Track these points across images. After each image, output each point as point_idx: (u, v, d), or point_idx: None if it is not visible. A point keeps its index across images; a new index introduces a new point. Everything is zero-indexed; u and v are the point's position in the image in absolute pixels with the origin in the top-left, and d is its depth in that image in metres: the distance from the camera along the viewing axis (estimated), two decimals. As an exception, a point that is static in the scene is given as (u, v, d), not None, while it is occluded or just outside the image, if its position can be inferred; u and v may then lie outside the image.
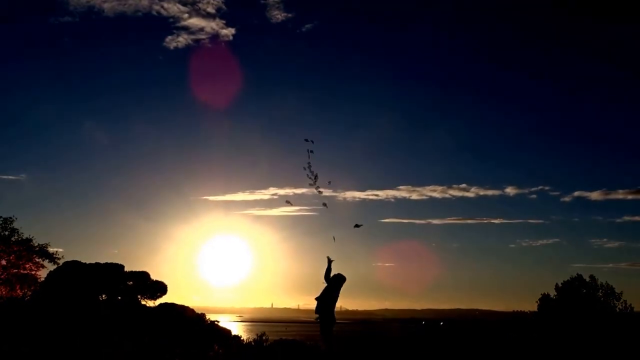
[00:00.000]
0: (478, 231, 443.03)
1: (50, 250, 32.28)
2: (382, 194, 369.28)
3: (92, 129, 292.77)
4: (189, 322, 33.66)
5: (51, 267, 32.71)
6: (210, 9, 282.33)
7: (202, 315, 36.63)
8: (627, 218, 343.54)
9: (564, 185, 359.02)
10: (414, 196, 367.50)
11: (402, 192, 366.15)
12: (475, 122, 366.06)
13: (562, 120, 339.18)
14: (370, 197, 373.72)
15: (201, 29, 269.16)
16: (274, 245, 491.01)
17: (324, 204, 14.31)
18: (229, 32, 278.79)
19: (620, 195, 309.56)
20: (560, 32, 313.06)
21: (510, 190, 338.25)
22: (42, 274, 32.75)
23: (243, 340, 33.87)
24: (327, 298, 12.29)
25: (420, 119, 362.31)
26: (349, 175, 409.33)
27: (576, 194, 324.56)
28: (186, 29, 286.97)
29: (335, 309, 12.72)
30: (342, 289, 12.57)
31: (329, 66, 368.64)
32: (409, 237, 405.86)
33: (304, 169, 13.72)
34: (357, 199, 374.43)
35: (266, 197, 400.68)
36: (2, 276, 31.12)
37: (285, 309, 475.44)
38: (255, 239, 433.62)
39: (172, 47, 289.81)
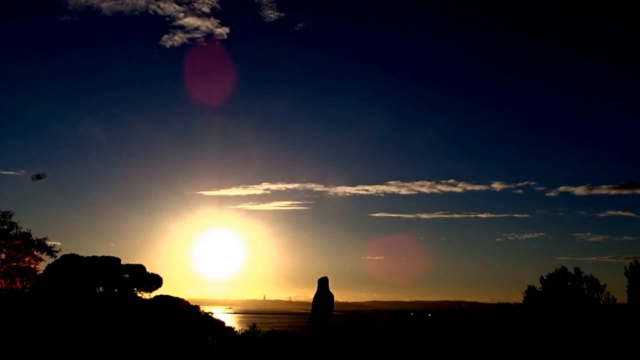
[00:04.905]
0: (465, 225, 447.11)
1: (49, 243, 32.99)
2: (372, 189, 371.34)
3: (90, 125, 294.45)
4: (184, 314, 34.37)
5: (49, 260, 33.35)
6: (205, 9, 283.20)
7: (197, 307, 37.24)
8: (610, 212, 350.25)
9: (549, 181, 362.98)
10: (403, 191, 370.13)
11: (391, 187, 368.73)
12: (463, 119, 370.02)
13: (547, 118, 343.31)
14: (361, 192, 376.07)
15: (196, 28, 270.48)
16: (266, 239, 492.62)
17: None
18: (223, 31, 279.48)
19: (604, 190, 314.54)
20: (546, 29, 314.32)
21: (496, 186, 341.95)
22: (41, 267, 33.42)
23: (236, 331, 34.67)
24: (321, 304, 13.20)
25: (410, 116, 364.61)
26: (340, 171, 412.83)
27: (561, 189, 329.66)
28: (182, 27, 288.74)
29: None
30: (330, 283, 13.49)
31: (321, 64, 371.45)
32: (398, 231, 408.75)
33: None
34: (347, 194, 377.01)
35: (259, 192, 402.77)
36: (2, 269, 31.78)
37: (277, 300, 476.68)
38: (248, 233, 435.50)
39: (168, 46, 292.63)
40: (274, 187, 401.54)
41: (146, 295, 36.89)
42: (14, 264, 32.09)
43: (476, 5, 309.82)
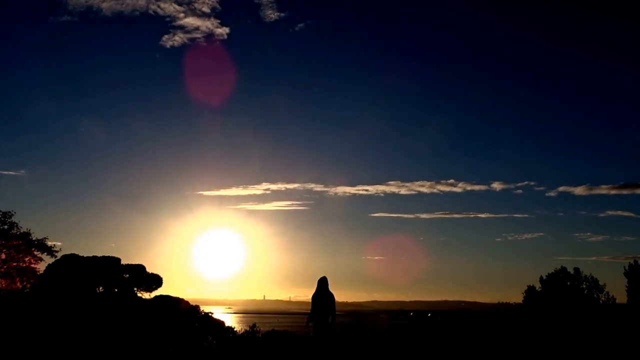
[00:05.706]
0: (465, 225, 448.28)
1: (49, 243, 32.97)
2: (372, 189, 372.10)
3: (90, 125, 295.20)
4: (184, 314, 34.39)
5: (49, 260, 33.32)
6: (205, 9, 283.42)
7: (197, 307, 37.23)
8: (610, 212, 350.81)
9: (549, 181, 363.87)
10: (403, 191, 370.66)
11: (391, 187, 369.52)
12: (463, 119, 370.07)
13: (547, 118, 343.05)
14: (361, 192, 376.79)
15: (196, 28, 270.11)
16: (266, 239, 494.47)
17: None
18: (223, 31, 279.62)
19: (603, 190, 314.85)
20: (547, 28, 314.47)
21: (496, 186, 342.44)
22: (41, 267, 33.41)
23: (236, 331, 34.71)
24: (320, 302, 13.25)
25: (410, 116, 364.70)
26: (340, 171, 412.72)
27: (561, 189, 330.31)
28: (182, 28, 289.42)
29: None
30: (330, 283, 13.57)
31: (321, 64, 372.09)
32: (398, 231, 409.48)
33: None
34: (347, 194, 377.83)
35: (259, 192, 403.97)
36: (2, 269, 31.81)
37: (277, 300, 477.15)
38: (248, 233, 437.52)
39: (168, 46, 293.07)
40: (274, 187, 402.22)
41: (146, 295, 36.89)
42: (14, 264, 32.10)
43: (476, 5, 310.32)
